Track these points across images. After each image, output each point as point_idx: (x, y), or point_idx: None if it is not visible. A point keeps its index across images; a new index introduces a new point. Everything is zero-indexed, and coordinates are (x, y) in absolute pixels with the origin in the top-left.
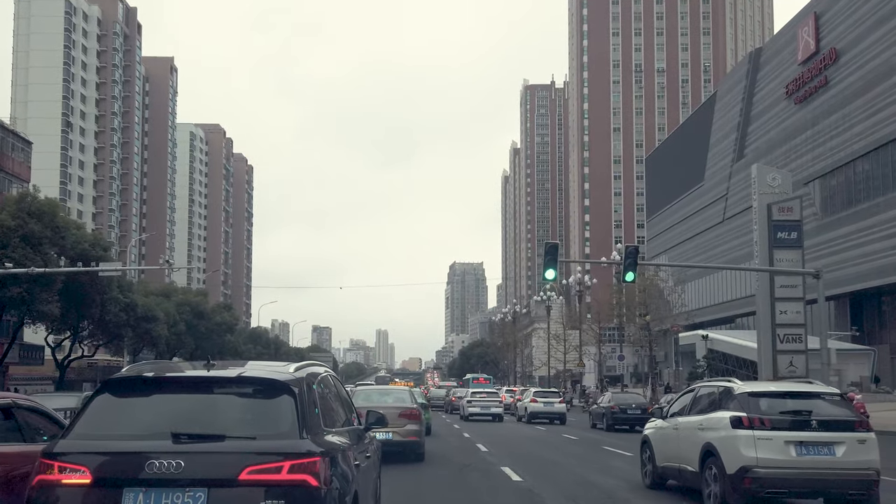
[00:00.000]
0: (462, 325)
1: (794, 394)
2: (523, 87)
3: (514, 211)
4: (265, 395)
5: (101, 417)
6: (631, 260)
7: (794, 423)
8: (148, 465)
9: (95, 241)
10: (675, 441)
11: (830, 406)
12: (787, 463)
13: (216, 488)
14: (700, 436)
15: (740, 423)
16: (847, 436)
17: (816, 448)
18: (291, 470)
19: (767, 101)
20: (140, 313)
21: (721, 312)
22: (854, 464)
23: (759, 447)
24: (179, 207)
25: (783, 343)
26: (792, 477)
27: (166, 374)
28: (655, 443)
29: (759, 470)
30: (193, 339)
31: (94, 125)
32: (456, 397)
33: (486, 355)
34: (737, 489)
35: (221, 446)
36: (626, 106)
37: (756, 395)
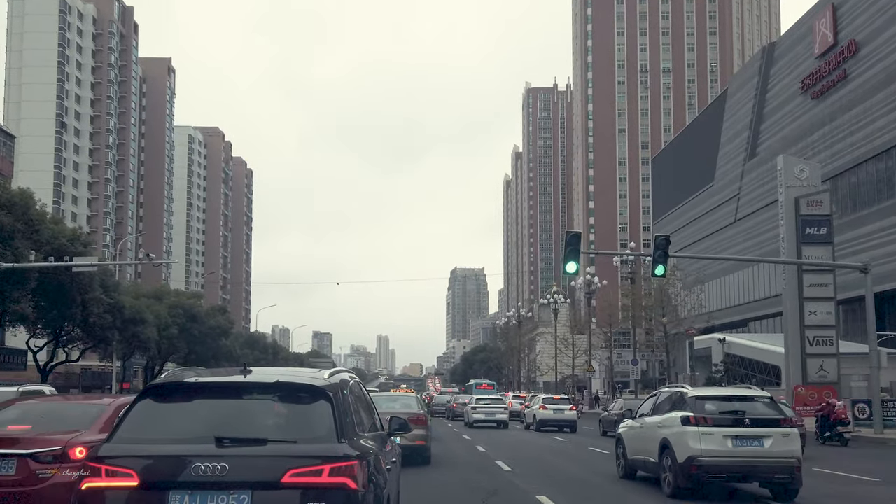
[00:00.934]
0: (463, 331)
1: (733, 397)
2: (525, 90)
3: (517, 215)
4: (303, 400)
5: (144, 422)
6: (661, 252)
7: (731, 421)
8: (193, 468)
9: (74, 236)
10: (641, 437)
11: (762, 407)
12: (726, 453)
13: (260, 491)
14: (659, 432)
15: (688, 422)
16: (774, 431)
17: (749, 441)
18: (331, 473)
19: (782, 97)
20: (127, 315)
21: (733, 316)
22: (779, 453)
23: (703, 440)
24: (177, 211)
25: (813, 346)
26: (729, 465)
27: (207, 379)
28: (626, 440)
29: (702, 459)
30: (186, 344)
31: (88, 126)
32: (458, 403)
33: (490, 360)
34: (685, 475)
35: (264, 450)
36: (631, 107)
37: (703, 398)
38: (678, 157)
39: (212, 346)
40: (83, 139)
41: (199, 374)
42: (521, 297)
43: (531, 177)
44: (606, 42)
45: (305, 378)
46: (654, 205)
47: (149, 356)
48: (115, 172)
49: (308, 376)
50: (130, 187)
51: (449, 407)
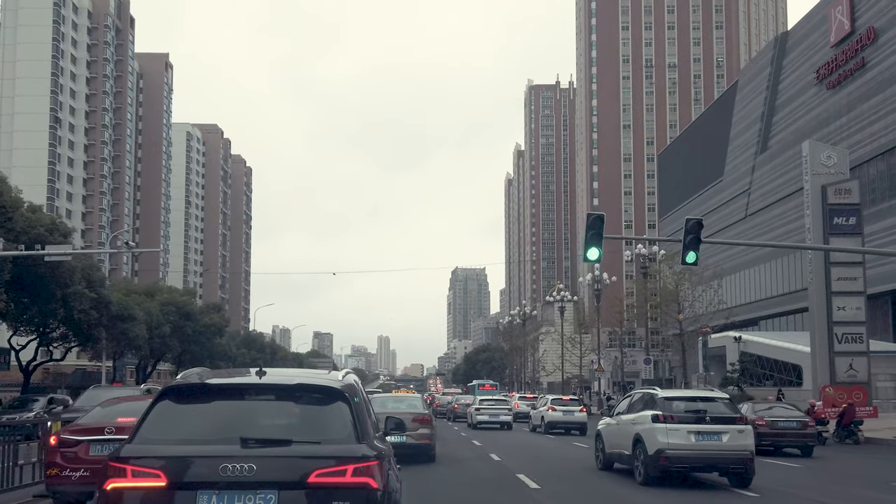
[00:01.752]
0: (464, 331)
1: (697, 398)
2: (528, 88)
3: (519, 214)
4: (323, 401)
5: (164, 423)
6: (693, 237)
7: (694, 419)
8: (221, 468)
9: (53, 225)
10: (618, 433)
11: (721, 407)
12: (689, 446)
13: (286, 490)
14: (632, 428)
15: (658, 419)
16: (730, 427)
17: (709, 436)
18: (355, 473)
19: (795, 88)
20: (115, 312)
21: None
22: (735, 447)
23: (669, 435)
24: (175, 209)
25: (841, 343)
26: (692, 456)
27: (226, 381)
28: (605, 435)
29: (669, 451)
30: (179, 342)
31: (83, 121)
32: (459, 404)
33: (493, 360)
34: (655, 465)
35: (290, 451)
36: (636, 102)
37: (670, 399)
38: (685, 152)
39: (206, 345)
40: (78, 135)
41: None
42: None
43: (533, 175)
44: (611, 36)
45: (323, 380)
46: (660, 201)
47: (140, 355)
48: (111, 169)
49: (325, 378)
50: (127, 184)
51: (450, 408)
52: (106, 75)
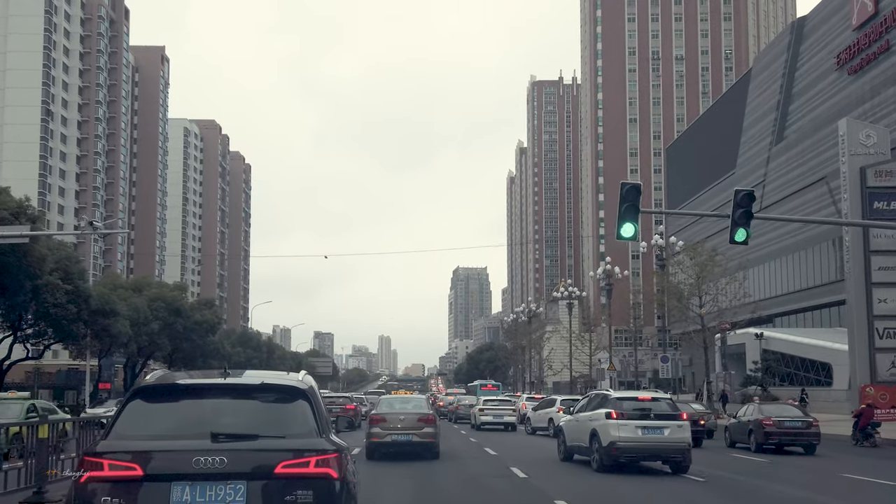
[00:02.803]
0: (466, 331)
1: (642, 398)
2: (530, 84)
3: (521, 212)
4: (285, 399)
5: (137, 420)
6: (743, 211)
7: (641, 416)
8: (194, 461)
9: (19, 209)
10: (577, 428)
11: (664, 406)
12: (637, 439)
13: (254, 481)
14: (590, 424)
15: (610, 416)
16: (671, 423)
17: (653, 430)
18: (317, 464)
19: (813, 75)
20: (95, 306)
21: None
22: (675, 439)
23: (620, 430)
24: (173, 206)
25: (883, 339)
26: (639, 448)
27: (194, 381)
28: (566, 430)
29: (620, 443)
30: (169, 340)
31: (77, 115)
32: (461, 405)
33: (497, 360)
34: (608, 455)
35: (257, 444)
36: (642, 96)
37: (621, 399)
38: (695, 144)
39: (198, 343)
40: (71, 129)
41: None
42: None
43: (536, 172)
44: (617, 28)
45: (286, 380)
46: (668, 195)
47: (128, 353)
48: (105, 164)
49: (287, 378)
50: (122, 179)
51: (451, 409)
52: (100, 67)
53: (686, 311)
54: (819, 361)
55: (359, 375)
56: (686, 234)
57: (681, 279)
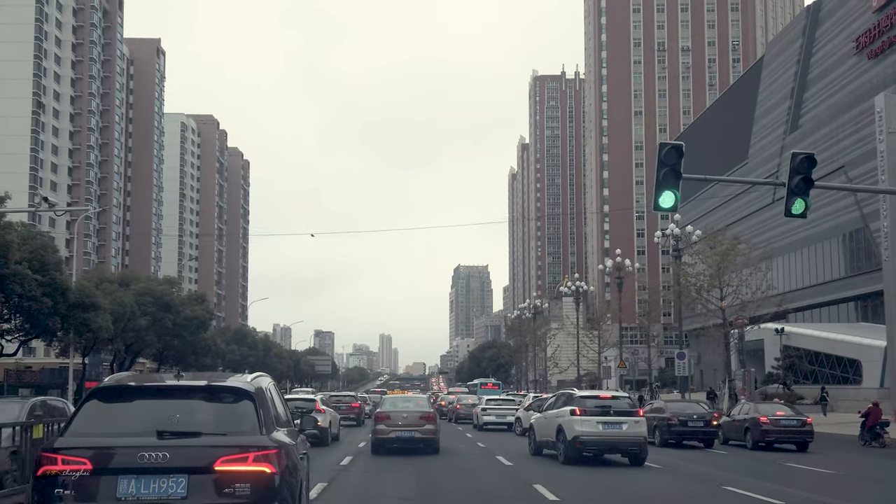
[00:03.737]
0: (467, 329)
1: (602, 396)
2: (532, 78)
3: (523, 209)
4: (231, 400)
5: (92, 419)
6: (802, 178)
7: (602, 412)
8: (139, 456)
9: None
10: (545, 425)
11: (623, 403)
12: (598, 433)
13: (195, 475)
14: (556, 420)
15: (574, 413)
16: (629, 419)
17: (613, 425)
18: (255, 460)
19: (830, 60)
20: (73, 299)
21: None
22: (632, 433)
23: (583, 425)
24: (169, 202)
25: None
26: (601, 441)
27: (146, 383)
28: (536, 427)
29: (583, 437)
30: (157, 337)
31: (69, 107)
32: (462, 405)
33: (499, 358)
34: (573, 448)
35: (199, 441)
36: (648, 88)
37: (585, 398)
38: (704, 136)
39: (189, 339)
40: (63, 121)
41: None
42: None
43: (538, 168)
44: (621, 19)
45: (233, 382)
46: None
47: (113, 350)
48: (99, 157)
49: (235, 380)
50: (116, 174)
51: (453, 408)
52: (93, 59)
53: (706, 304)
54: (847, 358)
55: (359, 374)
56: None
57: (700, 270)
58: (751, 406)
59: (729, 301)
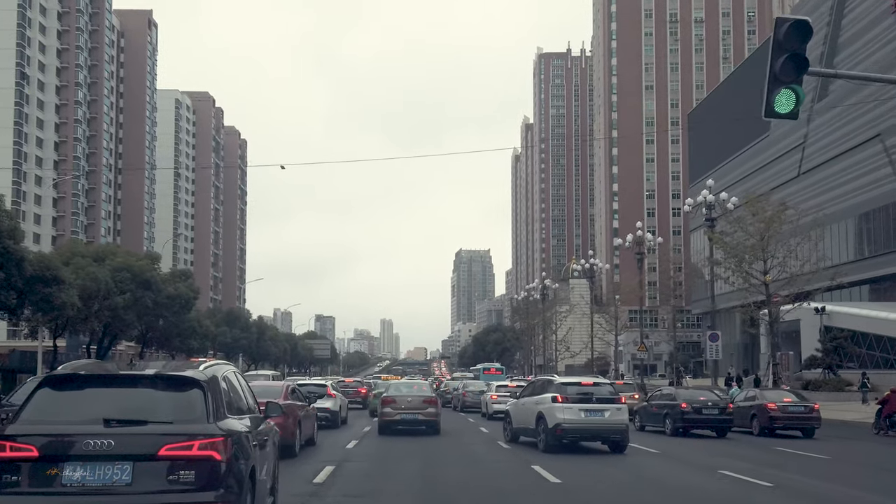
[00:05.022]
0: (469, 314)
1: (584, 383)
2: (537, 56)
3: (527, 191)
4: (180, 388)
5: (43, 407)
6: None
7: (584, 399)
8: (84, 443)
9: None
10: (524, 412)
11: (605, 390)
12: (580, 421)
13: (140, 462)
14: (536, 408)
15: (556, 400)
16: (611, 406)
17: (595, 413)
18: (201, 447)
19: (864, 21)
20: (31, 271)
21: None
22: (614, 421)
23: (565, 412)
24: (163, 181)
25: None
26: (582, 429)
27: (97, 371)
28: (512, 414)
29: (565, 425)
30: (137, 317)
31: (55, 79)
32: (469, 392)
33: (504, 341)
34: (554, 436)
35: (144, 429)
36: (659, 61)
37: (564, 384)
38: (721, 108)
39: (172, 320)
40: (48, 94)
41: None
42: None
43: (542, 148)
44: None
45: (183, 371)
46: (691, 165)
47: (88, 331)
48: (87, 132)
49: (186, 369)
50: (105, 149)
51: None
52: (80, 28)
53: (747, 279)
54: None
55: (360, 359)
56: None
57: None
58: (756, 392)
59: (773, 275)
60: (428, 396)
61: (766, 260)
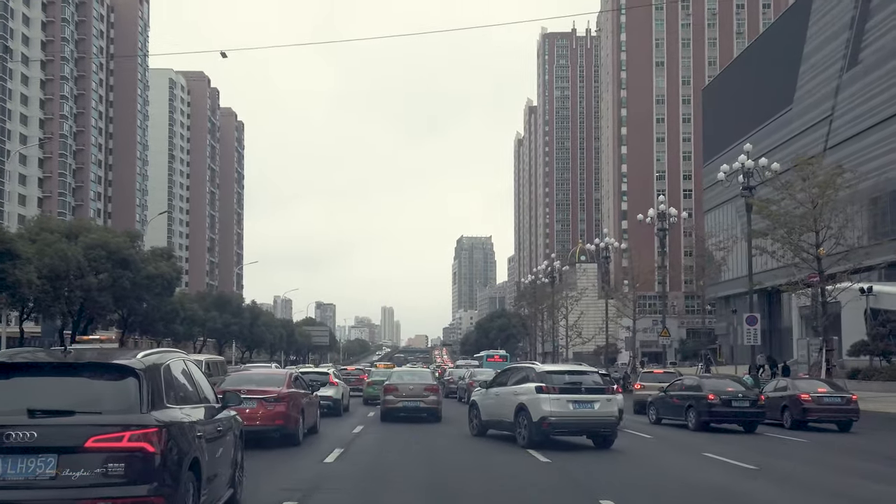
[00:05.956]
0: (470, 302)
1: (572, 371)
2: (541, 36)
3: (530, 175)
4: (112, 377)
5: None
6: None
7: (572, 389)
8: (6, 435)
9: None
10: (498, 403)
11: (594, 379)
12: (568, 414)
13: (65, 454)
14: (515, 399)
15: (541, 390)
16: (601, 397)
17: (584, 404)
18: (131, 439)
19: None
20: None
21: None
22: (604, 413)
23: (551, 404)
24: (157, 164)
25: None
26: (570, 422)
27: (24, 359)
28: (481, 405)
29: (552, 418)
30: (114, 299)
31: (40, 53)
32: (477, 381)
33: (509, 328)
34: (538, 431)
35: (70, 420)
36: (670, 36)
37: (550, 373)
38: (738, 83)
39: (152, 303)
40: (33, 69)
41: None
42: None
43: (547, 131)
44: None
45: (117, 359)
46: (705, 142)
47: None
48: (74, 110)
49: (120, 357)
50: (93, 127)
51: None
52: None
53: (798, 252)
54: None
55: (360, 346)
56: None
57: (786, 207)
58: (788, 382)
59: (827, 247)
60: (430, 384)
61: (818, 231)
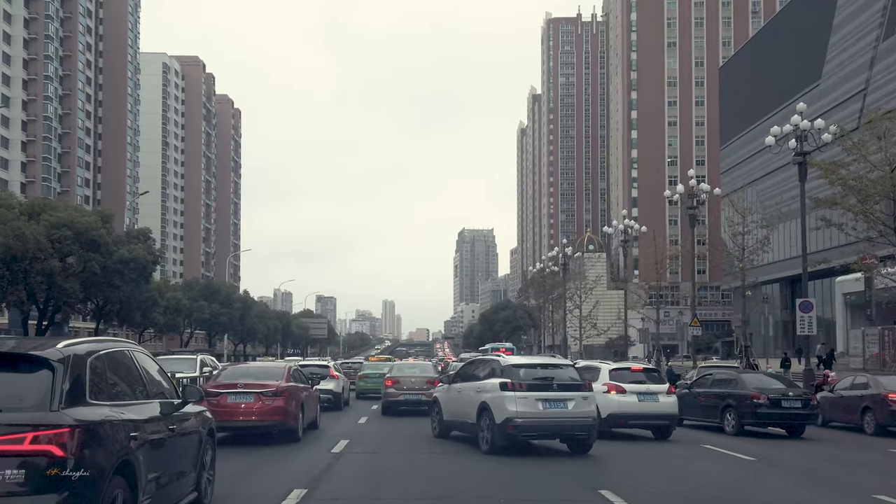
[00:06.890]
0: (471, 295)
1: (542, 365)
2: (545, 22)
3: (534, 164)
4: (20, 370)
5: None
6: None
7: (541, 386)
8: None
9: None
10: (459, 401)
11: (568, 373)
12: (537, 414)
13: None
14: (477, 396)
15: (506, 387)
16: (575, 394)
17: (556, 403)
18: (34, 441)
19: None
20: None
21: None
22: (580, 413)
23: (518, 403)
24: (151, 151)
25: None
26: (540, 424)
27: None
28: (443, 403)
29: (517, 420)
30: (83, 285)
31: (22, 31)
32: None
33: (515, 319)
34: (502, 434)
35: None
36: (683, 16)
37: (516, 367)
38: (759, 60)
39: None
40: (15, 47)
41: None
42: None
43: (551, 119)
44: None
45: (30, 349)
46: (721, 125)
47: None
48: (60, 91)
49: (34, 347)
50: (80, 110)
51: None
52: None
53: (874, 225)
54: None
55: (360, 340)
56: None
57: (858, 171)
58: (870, 378)
59: None
60: (431, 377)
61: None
